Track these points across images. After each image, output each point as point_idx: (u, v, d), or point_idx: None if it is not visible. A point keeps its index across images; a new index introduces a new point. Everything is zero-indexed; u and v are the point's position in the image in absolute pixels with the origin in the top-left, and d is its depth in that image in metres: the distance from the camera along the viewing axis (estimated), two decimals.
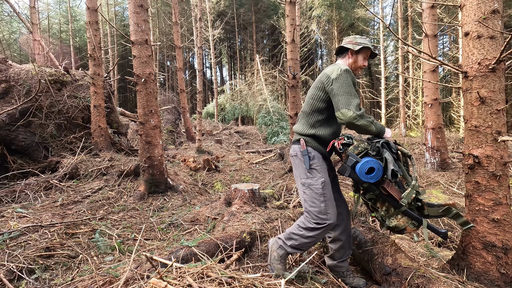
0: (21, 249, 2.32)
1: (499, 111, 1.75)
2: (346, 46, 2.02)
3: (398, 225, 1.81)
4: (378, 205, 1.90)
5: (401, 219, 1.81)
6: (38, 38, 9.51)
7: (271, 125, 12.81)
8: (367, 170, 1.74)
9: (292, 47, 6.11)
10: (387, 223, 1.85)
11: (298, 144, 2.03)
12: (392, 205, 1.81)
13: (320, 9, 19.92)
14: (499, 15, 1.74)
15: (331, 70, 1.91)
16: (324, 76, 1.92)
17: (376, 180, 1.75)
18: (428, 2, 5.32)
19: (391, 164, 1.71)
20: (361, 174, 1.74)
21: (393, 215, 1.82)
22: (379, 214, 1.90)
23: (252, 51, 26.60)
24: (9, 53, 20.21)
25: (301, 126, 2.04)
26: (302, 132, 2.01)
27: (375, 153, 1.80)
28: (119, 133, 6.45)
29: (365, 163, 1.74)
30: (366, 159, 1.75)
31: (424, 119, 6.18)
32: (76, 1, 25.37)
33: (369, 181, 1.76)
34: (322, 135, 1.96)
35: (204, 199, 4.48)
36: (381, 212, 1.88)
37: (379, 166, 1.74)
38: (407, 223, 1.80)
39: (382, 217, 1.89)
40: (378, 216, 1.92)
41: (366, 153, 1.81)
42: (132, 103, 27.03)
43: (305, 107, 2.04)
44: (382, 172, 1.74)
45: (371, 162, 1.73)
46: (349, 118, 1.77)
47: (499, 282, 1.73)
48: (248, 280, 1.49)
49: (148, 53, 4.23)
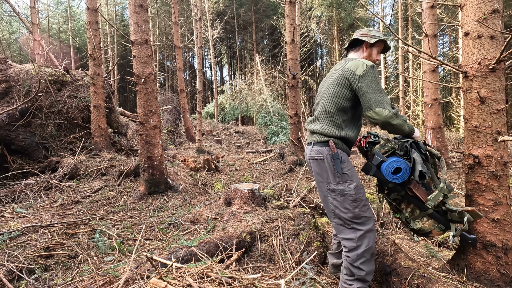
0: (21, 249, 2.31)
1: (499, 111, 1.75)
2: (361, 39, 1.90)
3: (423, 227, 1.76)
4: (402, 206, 1.84)
5: (426, 221, 1.75)
6: (38, 38, 9.50)
7: (271, 125, 12.81)
8: (394, 170, 1.69)
9: (292, 47, 6.10)
10: (411, 225, 1.80)
11: (324, 146, 1.81)
12: (417, 207, 1.76)
13: (320, 9, 19.92)
14: (499, 15, 1.74)
15: (355, 65, 1.75)
16: (348, 72, 1.75)
17: (402, 180, 1.70)
18: (428, 2, 5.32)
19: (420, 165, 1.65)
20: (387, 173, 1.70)
21: (418, 217, 1.77)
22: (403, 215, 1.85)
23: (252, 51, 26.61)
24: (9, 53, 20.21)
25: (327, 127, 1.82)
26: (329, 133, 1.80)
27: (403, 152, 1.74)
28: (119, 133, 6.45)
29: (391, 162, 1.69)
30: (393, 159, 1.70)
31: (424, 119, 6.18)
32: (75, 1, 25.36)
33: (395, 181, 1.70)
34: (350, 136, 1.82)
35: (204, 199, 4.48)
36: (406, 213, 1.82)
37: (406, 166, 1.68)
38: (433, 226, 1.74)
39: (406, 218, 1.83)
40: (402, 218, 1.86)
41: (393, 152, 1.76)
42: (132, 103, 27.03)
43: (328, 106, 1.82)
44: (409, 172, 1.68)
45: (398, 162, 1.68)
46: (385, 117, 1.66)
47: (499, 282, 1.73)
48: (248, 280, 1.49)
49: (148, 53, 4.23)
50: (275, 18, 19.30)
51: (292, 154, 6.60)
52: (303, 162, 6.17)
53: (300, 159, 6.28)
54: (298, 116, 6.45)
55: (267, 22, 24.74)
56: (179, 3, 19.93)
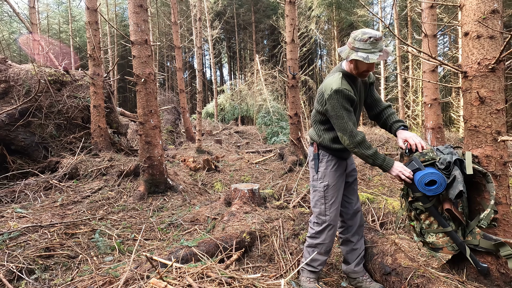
0: (20, 249, 2.31)
1: (499, 111, 1.75)
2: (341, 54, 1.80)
3: (436, 242, 1.75)
4: (422, 217, 1.81)
5: (441, 238, 1.74)
6: (38, 38, 9.50)
7: (271, 125, 12.81)
8: (428, 181, 1.64)
9: (291, 47, 6.11)
10: (424, 237, 1.80)
11: (312, 147, 2.08)
12: (438, 222, 1.75)
13: (320, 9, 19.90)
14: (498, 15, 1.74)
15: (326, 86, 1.82)
16: (321, 91, 1.89)
17: (433, 194, 1.66)
18: (427, 2, 5.32)
19: (461, 185, 1.60)
20: (420, 183, 1.66)
21: (435, 232, 1.76)
22: (419, 225, 1.83)
23: (252, 51, 26.60)
24: (9, 53, 20.19)
25: (312, 132, 2.09)
26: (313, 138, 2.06)
27: (444, 167, 1.68)
28: (119, 133, 6.45)
29: (429, 174, 1.64)
30: (431, 170, 1.65)
31: (424, 119, 6.19)
32: (75, 1, 25.34)
33: (425, 193, 1.67)
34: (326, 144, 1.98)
35: (204, 199, 4.48)
36: (423, 224, 1.80)
37: (443, 181, 1.63)
38: (446, 245, 1.72)
39: (421, 229, 1.82)
40: (418, 227, 1.84)
41: (432, 163, 1.72)
42: (132, 103, 27.02)
43: (312, 115, 2.09)
44: (443, 188, 1.64)
45: (435, 175, 1.63)
46: (345, 144, 1.82)
47: (499, 281, 1.73)
48: (248, 280, 1.49)
49: (148, 53, 4.22)
50: (275, 18, 19.29)
51: (292, 154, 6.60)
52: (303, 162, 6.17)
53: (300, 159, 6.28)
54: (298, 116, 6.46)
55: (267, 22, 24.72)
56: (179, 3, 19.92)
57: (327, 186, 1.97)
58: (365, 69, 1.79)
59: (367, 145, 1.79)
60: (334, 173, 1.98)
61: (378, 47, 1.68)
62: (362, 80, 1.97)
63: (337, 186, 1.99)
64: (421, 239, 1.83)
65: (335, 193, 1.98)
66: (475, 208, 1.79)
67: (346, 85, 1.79)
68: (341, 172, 2.02)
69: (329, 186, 1.97)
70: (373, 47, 1.67)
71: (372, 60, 1.67)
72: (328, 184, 1.97)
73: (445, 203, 1.71)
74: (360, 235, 2.13)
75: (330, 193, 1.97)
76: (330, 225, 1.97)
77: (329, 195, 1.97)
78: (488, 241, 1.68)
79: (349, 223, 2.11)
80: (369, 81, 2.03)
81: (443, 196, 1.73)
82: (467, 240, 1.74)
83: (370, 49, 1.68)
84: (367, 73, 1.83)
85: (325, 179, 1.98)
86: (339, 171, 2.00)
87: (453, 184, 1.63)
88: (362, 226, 2.16)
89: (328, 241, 2.00)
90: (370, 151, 1.78)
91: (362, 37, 1.68)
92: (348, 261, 2.11)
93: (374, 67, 1.81)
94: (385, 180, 4.96)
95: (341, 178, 2.02)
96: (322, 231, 1.98)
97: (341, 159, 2.01)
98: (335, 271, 2.33)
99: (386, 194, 4.33)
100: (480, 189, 1.81)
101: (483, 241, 1.69)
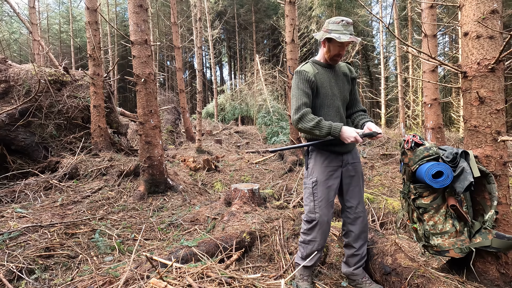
0: (20, 249, 2.32)
1: (499, 111, 1.75)
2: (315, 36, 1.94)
3: (442, 245, 1.67)
4: (425, 217, 1.73)
5: (447, 240, 1.67)
6: (38, 38, 9.50)
7: (271, 125, 12.81)
8: (435, 173, 1.61)
9: (291, 47, 6.11)
10: (429, 240, 1.72)
11: None
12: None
13: (320, 9, 19.89)
14: (498, 15, 1.75)
15: None
16: None
17: (441, 186, 1.61)
18: (427, 2, 5.32)
19: (471, 176, 1.55)
20: (427, 175, 1.61)
21: (441, 234, 1.69)
22: (423, 227, 1.75)
23: (252, 51, 26.59)
24: (9, 53, 20.19)
25: None
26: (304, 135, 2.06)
27: (450, 160, 1.66)
28: (119, 133, 6.45)
29: (435, 164, 1.61)
30: (437, 162, 1.63)
31: (424, 119, 6.19)
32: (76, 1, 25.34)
33: (432, 185, 1.62)
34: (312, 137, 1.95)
35: (204, 199, 4.48)
36: (427, 225, 1.72)
37: (450, 173, 1.60)
38: (453, 246, 1.66)
39: (425, 231, 1.73)
40: (421, 229, 1.76)
41: (436, 158, 1.69)
42: (132, 103, 27.01)
43: None
44: (451, 180, 1.61)
45: (442, 166, 1.61)
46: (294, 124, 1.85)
47: (498, 281, 1.73)
48: (248, 280, 1.49)
49: (148, 53, 4.23)
50: (275, 18, 19.30)
51: (292, 154, 6.60)
52: (303, 162, 6.17)
53: (300, 159, 6.28)
54: None
55: (267, 22, 24.71)
56: (179, 3, 19.93)
57: (315, 182, 1.90)
58: (336, 53, 1.88)
59: (308, 118, 1.78)
60: (324, 168, 1.90)
61: (349, 30, 1.82)
62: (343, 72, 2.02)
63: (328, 182, 1.90)
64: (423, 242, 1.76)
65: (325, 190, 1.89)
66: (475, 208, 1.79)
67: (307, 68, 1.91)
68: (333, 168, 1.93)
69: (317, 182, 1.89)
70: (345, 29, 1.81)
71: (344, 39, 1.78)
72: (316, 180, 1.90)
73: (450, 199, 1.66)
74: (363, 241, 2.04)
75: (319, 189, 1.90)
76: (320, 223, 1.91)
77: (317, 192, 1.90)
78: (502, 240, 1.60)
79: (350, 228, 2.02)
80: (351, 75, 2.06)
81: (448, 192, 1.70)
82: (475, 242, 1.67)
83: (342, 31, 1.81)
84: (338, 57, 1.91)
85: (313, 175, 1.92)
86: (330, 166, 1.92)
87: (461, 176, 1.59)
88: (366, 232, 2.05)
89: (319, 239, 1.95)
90: (313, 123, 1.77)
91: (335, 20, 1.84)
92: (348, 264, 2.08)
93: (344, 50, 1.88)
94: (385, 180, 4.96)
95: (334, 174, 1.92)
96: (312, 228, 1.95)
97: (333, 153, 1.93)
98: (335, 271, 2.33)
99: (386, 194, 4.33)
100: (480, 189, 1.81)
101: (496, 241, 1.61)
